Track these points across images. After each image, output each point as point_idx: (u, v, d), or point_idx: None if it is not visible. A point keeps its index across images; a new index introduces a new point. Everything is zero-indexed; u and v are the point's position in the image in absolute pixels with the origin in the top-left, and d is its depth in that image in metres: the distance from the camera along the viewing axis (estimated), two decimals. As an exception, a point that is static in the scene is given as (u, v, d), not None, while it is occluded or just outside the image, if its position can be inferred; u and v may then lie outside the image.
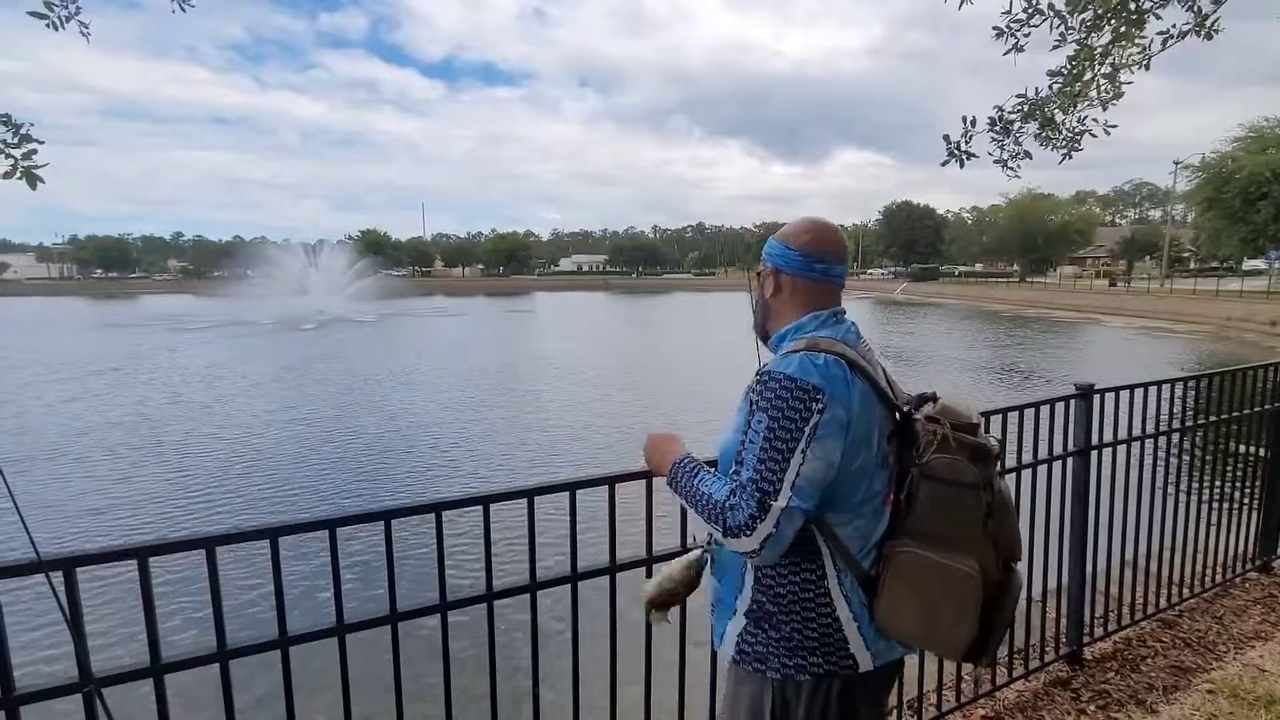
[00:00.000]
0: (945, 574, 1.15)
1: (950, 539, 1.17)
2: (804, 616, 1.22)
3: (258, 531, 1.44)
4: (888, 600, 1.20)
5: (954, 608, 1.15)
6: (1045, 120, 3.33)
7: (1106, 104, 3.28)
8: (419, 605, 1.60)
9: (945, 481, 1.18)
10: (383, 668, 1.59)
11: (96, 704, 1.25)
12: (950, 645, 1.19)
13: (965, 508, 1.17)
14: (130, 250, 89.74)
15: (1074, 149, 3.40)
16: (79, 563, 1.28)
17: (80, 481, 8.10)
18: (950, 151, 3.30)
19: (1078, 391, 2.69)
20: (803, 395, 1.14)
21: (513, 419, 11.33)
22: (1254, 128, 31.44)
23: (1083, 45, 3.18)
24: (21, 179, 1.87)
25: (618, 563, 1.77)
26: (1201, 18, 3.06)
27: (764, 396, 1.16)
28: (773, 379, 1.17)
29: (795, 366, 1.17)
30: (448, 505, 1.61)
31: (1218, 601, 3.33)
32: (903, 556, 1.19)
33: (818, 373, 1.16)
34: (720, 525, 1.15)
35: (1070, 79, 3.23)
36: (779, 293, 1.34)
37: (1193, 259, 56.45)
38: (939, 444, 1.19)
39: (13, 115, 1.85)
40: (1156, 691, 2.61)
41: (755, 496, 1.12)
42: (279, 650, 1.46)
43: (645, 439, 1.43)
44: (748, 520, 1.12)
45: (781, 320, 1.34)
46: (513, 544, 4.44)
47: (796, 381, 1.15)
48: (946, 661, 2.43)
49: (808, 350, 1.19)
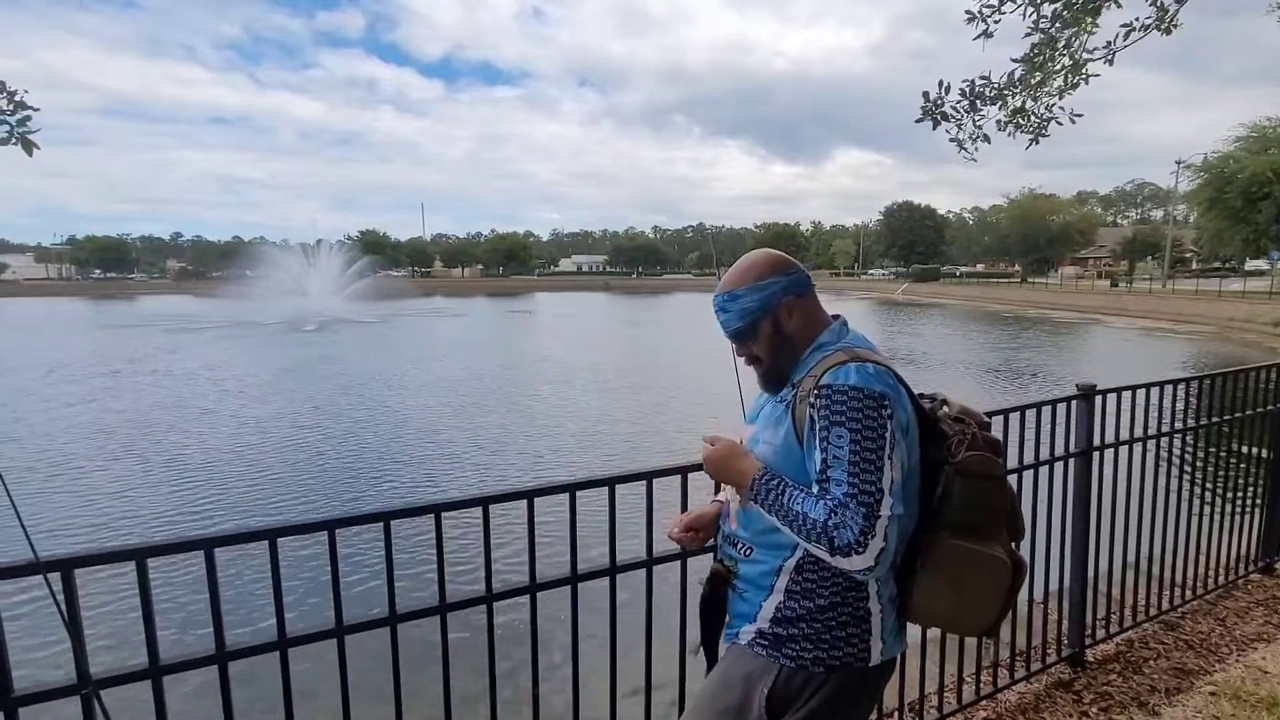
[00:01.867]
0: (983, 562, 1.23)
1: (983, 529, 1.24)
2: (838, 619, 1.23)
3: (257, 533, 1.44)
4: (925, 589, 1.24)
5: (989, 592, 1.25)
6: (1014, 109, 3.45)
7: (1063, 93, 3.39)
8: (418, 607, 1.60)
9: (980, 477, 1.23)
10: (383, 669, 1.58)
11: (95, 706, 1.25)
12: (982, 625, 1.30)
13: (997, 500, 1.25)
14: (129, 251, 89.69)
15: (1040, 135, 3.50)
16: (77, 564, 1.28)
17: (77, 484, 8.09)
18: (925, 110, 3.42)
19: (1079, 392, 2.68)
20: (873, 404, 1.14)
21: (547, 416, 11.33)
22: (1256, 127, 31.39)
23: (1047, 34, 3.27)
24: (17, 144, 1.88)
25: (618, 564, 1.76)
26: (1162, 11, 3.10)
27: (835, 410, 1.15)
28: (838, 392, 1.15)
29: (855, 377, 1.16)
30: (447, 506, 1.60)
31: (1220, 603, 3.32)
32: (945, 548, 1.22)
33: (876, 380, 1.16)
34: (825, 545, 1.13)
35: (1033, 66, 3.33)
36: (792, 319, 1.30)
37: (1194, 259, 56.39)
38: (970, 442, 1.23)
39: (5, 83, 1.85)
40: (1159, 694, 2.60)
41: (861, 511, 1.11)
42: (278, 652, 1.46)
43: (706, 446, 1.35)
44: (858, 537, 1.10)
45: (799, 347, 1.30)
46: (541, 543, 4.43)
47: (864, 390, 1.15)
48: (948, 664, 2.42)
49: (852, 360, 1.19)
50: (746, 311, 1.30)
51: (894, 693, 2.28)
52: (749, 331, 1.31)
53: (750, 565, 1.31)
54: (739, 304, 1.31)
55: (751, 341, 1.33)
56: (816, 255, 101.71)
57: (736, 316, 1.31)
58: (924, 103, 3.42)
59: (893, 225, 79.28)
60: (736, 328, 1.32)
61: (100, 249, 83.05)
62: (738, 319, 1.31)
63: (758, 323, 1.31)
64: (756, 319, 1.30)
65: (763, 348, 1.32)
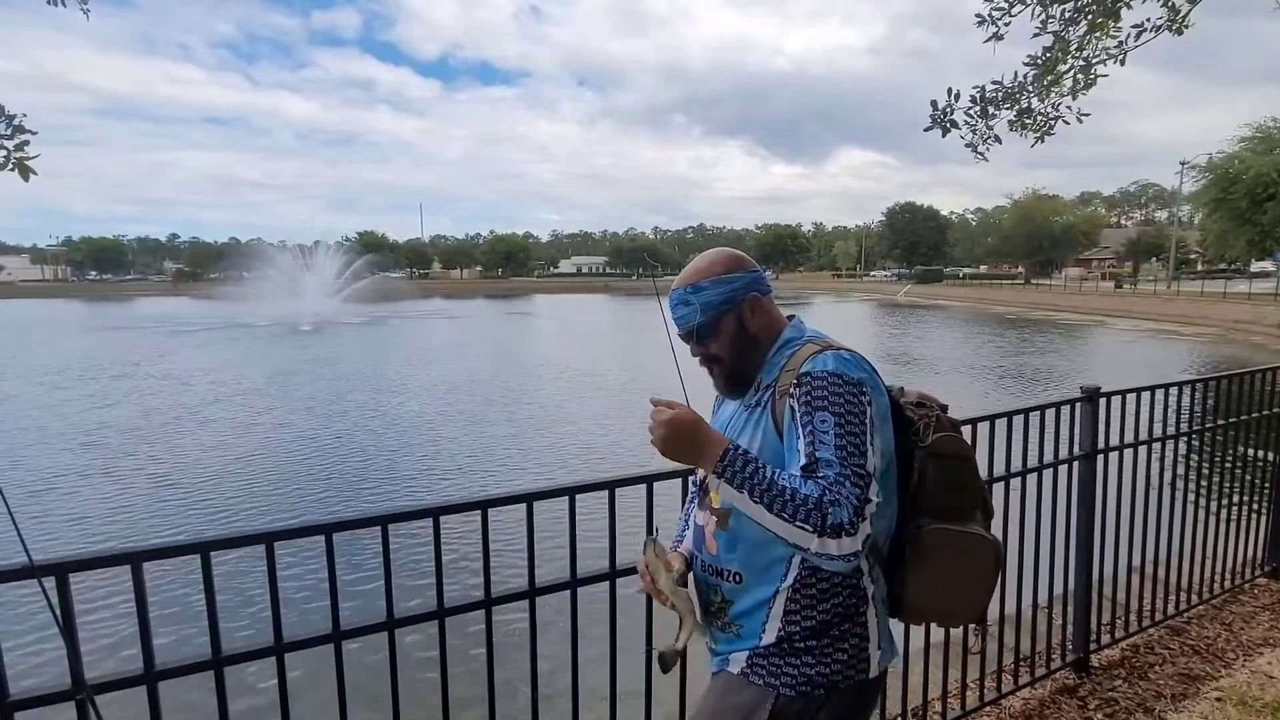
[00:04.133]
0: (967, 542, 1.21)
1: (961, 510, 1.22)
2: (839, 630, 1.18)
3: (253, 536, 1.42)
4: (915, 581, 1.21)
5: (979, 574, 1.23)
6: (1022, 109, 3.45)
7: (1077, 93, 3.38)
8: (416, 611, 1.59)
9: (952, 457, 1.22)
10: (380, 674, 1.57)
11: (90, 711, 1.23)
12: (973, 611, 1.27)
13: (970, 479, 1.25)
14: (125, 252, 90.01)
15: (1047, 134, 3.51)
16: (72, 568, 1.26)
17: (74, 486, 8.09)
18: (934, 119, 3.41)
19: (1083, 394, 2.66)
20: (854, 389, 1.12)
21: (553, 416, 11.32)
22: (1261, 128, 31.24)
23: (1059, 37, 3.27)
24: (13, 170, 1.87)
25: (617, 568, 1.75)
26: (1174, 12, 3.10)
27: (816, 395, 1.11)
28: (817, 378, 1.12)
29: (832, 363, 1.14)
30: (446, 510, 1.59)
31: (1226, 608, 3.29)
32: (927, 535, 1.20)
33: (854, 366, 1.15)
34: (816, 525, 1.03)
35: (1045, 68, 3.32)
36: (755, 317, 1.26)
37: (1199, 261, 56.18)
38: (936, 424, 1.22)
39: (5, 106, 1.84)
40: (1164, 699, 2.58)
41: (855, 491, 1.05)
42: (274, 657, 1.44)
43: (655, 418, 1.14)
44: (852, 518, 1.03)
45: (764, 347, 1.27)
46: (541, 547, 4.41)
47: (843, 376, 1.12)
48: (951, 669, 2.40)
49: (827, 349, 1.17)
50: (710, 305, 1.24)
51: (897, 699, 2.26)
52: (710, 328, 1.25)
53: (742, 593, 1.22)
54: (702, 296, 1.25)
55: (711, 340, 1.26)
56: (818, 256, 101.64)
57: (699, 310, 1.25)
58: (933, 111, 3.40)
59: (895, 226, 79.19)
60: (698, 322, 1.25)
61: (96, 250, 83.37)
62: (699, 313, 1.25)
63: (721, 318, 1.25)
64: (720, 314, 1.25)
65: (724, 346, 1.26)
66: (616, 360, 19.12)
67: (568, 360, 19.04)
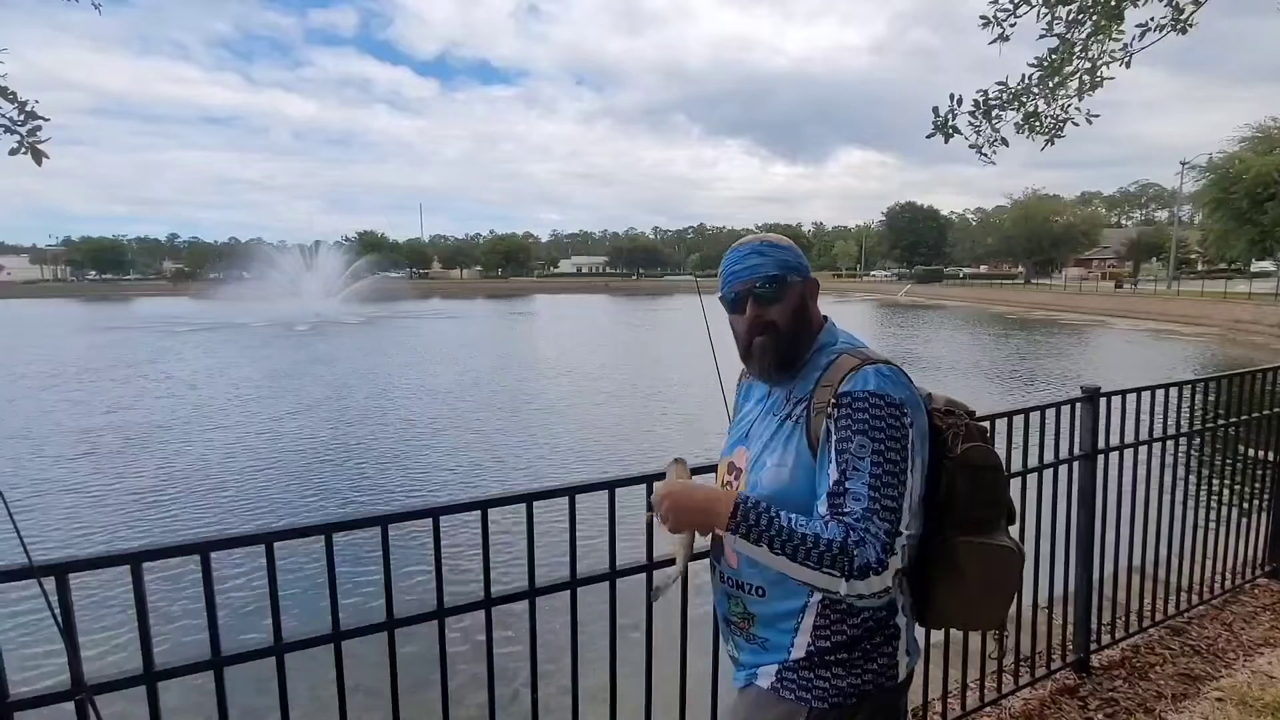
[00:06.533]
0: (994, 554, 1.18)
1: (989, 520, 1.20)
2: (872, 640, 1.15)
3: (253, 537, 1.42)
4: (944, 593, 1.19)
5: (1005, 584, 1.21)
6: (1028, 113, 3.43)
7: (1083, 94, 3.37)
8: (416, 611, 1.59)
9: (982, 468, 1.19)
10: (380, 674, 1.57)
11: (89, 711, 1.23)
12: (996, 618, 1.27)
13: (999, 488, 1.23)
14: (124, 252, 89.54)
15: (1056, 136, 3.48)
16: (71, 569, 1.26)
17: (72, 487, 8.09)
18: (936, 125, 3.39)
19: (1084, 394, 2.66)
20: (895, 411, 1.08)
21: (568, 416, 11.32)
22: (1261, 128, 31.25)
23: (1064, 39, 3.25)
24: (27, 154, 1.91)
25: (617, 569, 1.75)
26: (1178, 12, 3.09)
27: (857, 419, 1.08)
28: (858, 399, 1.09)
29: (874, 382, 1.10)
30: (445, 510, 1.59)
31: (1227, 608, 3.29)
32: (957, 547, 1.16)
33: (894, 385, 1.10)
34: (843, 568, 1.01)
35: (1050, 70, 3.30)
36: (813, 303, 1.26)
37: (1200, 261, 56.16)
38: (965, 434, 1.19)
39: (17, 93, 1.88)
40: (1165, 700, 2.58)
41: (884, 527, 1.02)
42: (274, 657, 1.44)
43: (660, 494, 1.17)
44: (880, 555, 1.01)
45: (812, 336, 1.24)
46: (549, 544, 4.41)
47: (885, 398, 1.08)
48: (952, 669, 2.40)
49: (866, 363, 1.13)
50: (784, 264, 1.21)
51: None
52: (777, 286, 1.20)
53: (766, 606, 1.19)
54: (778, 253, 1.21)
55: (773, 303, 1.20)
56: (819, 256, 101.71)
57: (774, 264, 1.20)
58: (935, 118, 3.37)
59: (895, 226, 79.16)
60: (771, 274, 1.19)
61: (95, 250, 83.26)
62: (775, 266, 1.20)
63: (789, 281, 1.21)
64: (789, 275, 1.21)
65: (784, 314, 1.20)
66: (631, 363, 19.08)
67: (593, 364, 19.01)
